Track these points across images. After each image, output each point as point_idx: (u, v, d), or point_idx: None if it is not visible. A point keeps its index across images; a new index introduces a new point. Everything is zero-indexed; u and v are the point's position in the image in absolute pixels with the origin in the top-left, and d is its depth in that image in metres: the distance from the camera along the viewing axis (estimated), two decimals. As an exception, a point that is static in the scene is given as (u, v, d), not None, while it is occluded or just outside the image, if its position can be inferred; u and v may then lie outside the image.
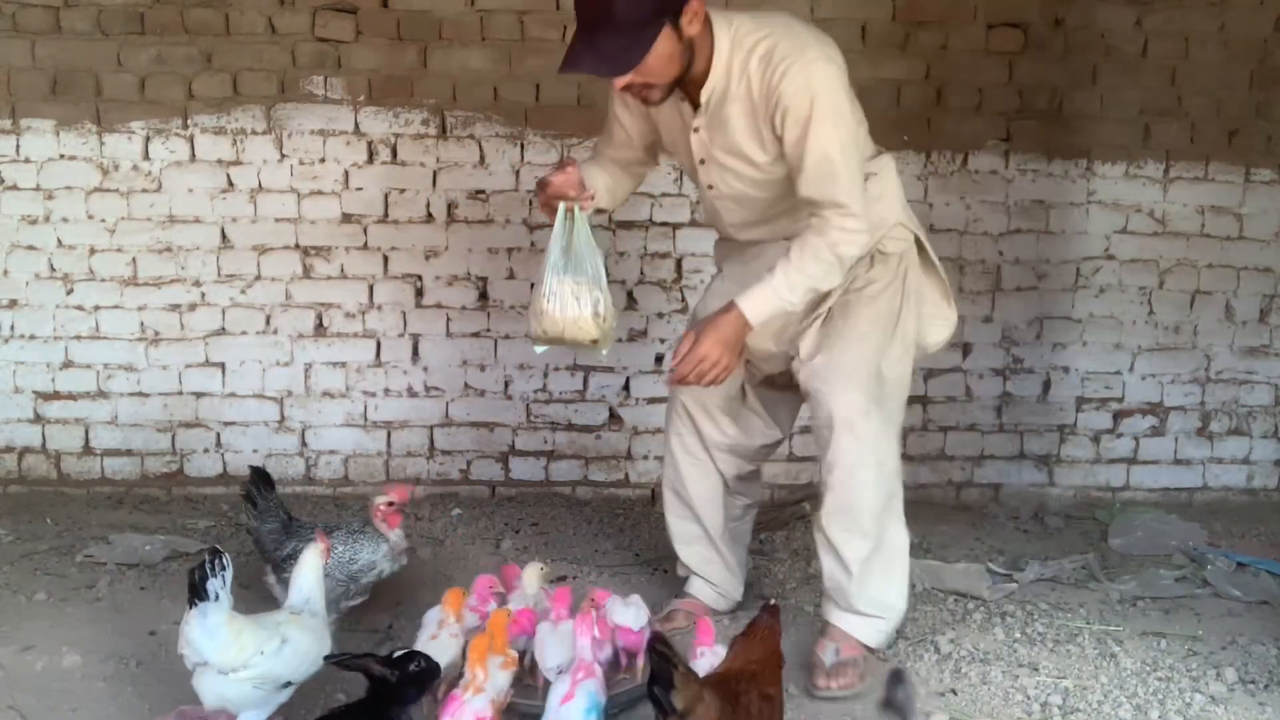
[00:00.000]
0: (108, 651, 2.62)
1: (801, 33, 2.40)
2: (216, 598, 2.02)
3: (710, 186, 2.63)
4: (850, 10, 4.04)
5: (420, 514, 3.93)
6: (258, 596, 2.72)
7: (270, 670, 2.07)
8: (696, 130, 2.52)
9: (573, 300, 2.43)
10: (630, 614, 2.39)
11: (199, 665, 2.05)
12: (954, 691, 2.47)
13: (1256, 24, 4.13)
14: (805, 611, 2.97)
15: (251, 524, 2.78)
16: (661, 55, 2.27)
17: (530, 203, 4.09)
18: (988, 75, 4.10)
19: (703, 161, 2.57)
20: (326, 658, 2.11)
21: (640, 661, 2.39)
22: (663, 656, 1.67)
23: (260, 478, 2.82)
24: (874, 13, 4.05)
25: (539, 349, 2.57)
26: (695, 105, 2.48)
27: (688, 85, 2.43)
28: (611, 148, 2.76)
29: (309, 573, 2.27)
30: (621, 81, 2.32)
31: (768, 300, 2.42)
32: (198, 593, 2.01)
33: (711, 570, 2.91)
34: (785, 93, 2.30)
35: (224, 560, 2.03)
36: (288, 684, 2.13)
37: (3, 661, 2.56)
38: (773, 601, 2.01)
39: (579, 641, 2.19)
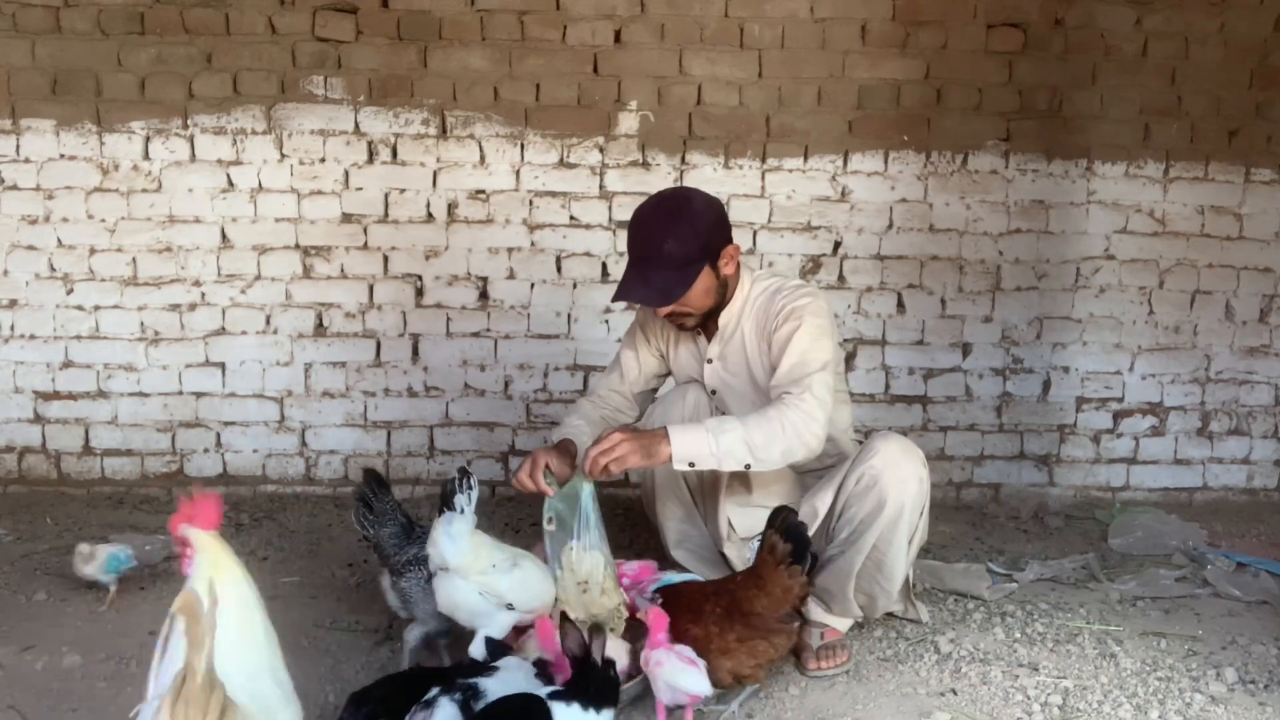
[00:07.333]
0: (108, 651, 2.61)
1: (806, 285, 2.76)
2: (462, 510, 2.26)
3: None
4: (850, 10, 4.05)
5: (420, 514, 3.94)
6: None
7: (497, 585, 2.25)
8: (710, 361, 2.78)
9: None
10: (693, 679, 2.19)
11: (440, 569, 2.27)
12: (954, 691, 2.47)
13: (1256, 24, 4.13)
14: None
15: (367, 531, 2.56)
16: (700, 290, 2.59)
17: (531, 202, 4.09)
18: (988, 75, 4.11)
19: (714, 392, 2.79)
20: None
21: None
22: None
23: (373, 480, 2.63)
24: (874, 13, 4.05)
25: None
26: (709, 338, 2.78)
27: (710, 319, 2.73)
28: (611, 385, 2.91)
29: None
30: (665, 310, 2.62)
31: (698, 439, 2.42)
32: (448, 503, 2.27)
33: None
34: (784, 308, 2.62)
35: (471, 481, 2.29)
36: (510, 606, 2.26)
37: (3, 661, 2.56)
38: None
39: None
